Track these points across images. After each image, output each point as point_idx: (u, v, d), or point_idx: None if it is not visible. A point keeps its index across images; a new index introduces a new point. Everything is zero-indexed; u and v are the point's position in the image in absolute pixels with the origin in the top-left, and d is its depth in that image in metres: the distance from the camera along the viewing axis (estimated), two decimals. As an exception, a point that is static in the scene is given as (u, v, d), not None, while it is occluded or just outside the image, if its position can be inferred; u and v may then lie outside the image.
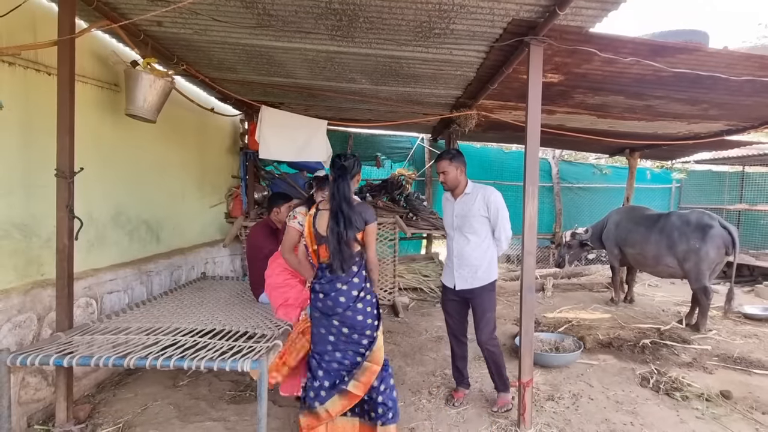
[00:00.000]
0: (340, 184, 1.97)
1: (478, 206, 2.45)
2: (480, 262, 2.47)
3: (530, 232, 2.24)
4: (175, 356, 1.84)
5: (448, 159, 2.51)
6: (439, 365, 3.22)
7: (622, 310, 4.82)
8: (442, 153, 2.58)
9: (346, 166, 2.03)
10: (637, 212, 4.74)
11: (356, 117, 4.82)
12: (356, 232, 1.95)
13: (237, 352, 1.95)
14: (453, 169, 2.50)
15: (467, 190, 2.53)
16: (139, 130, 3.25)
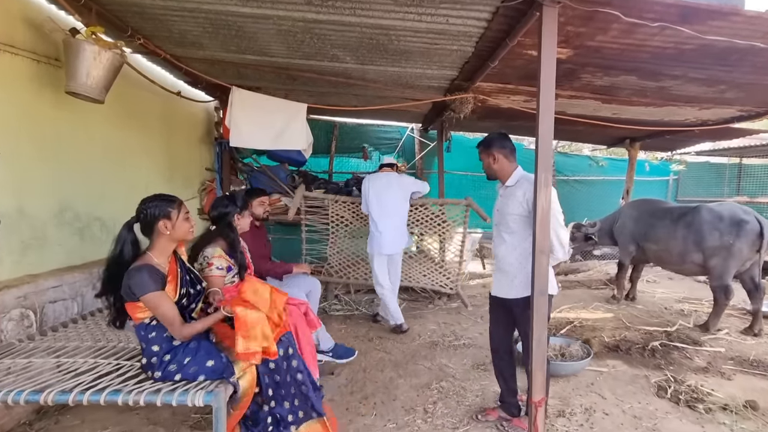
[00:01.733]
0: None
1: (517, 202, 2.12)
2: (515, 269, 2.14)
3: (543, 227, 1.91)
4: (111, 388, 1.46)
5: (480, 147, 2.27)
6: (434, 376, 2.89)
7: (625, 309, 4.56)
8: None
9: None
10: (657, 205, 4.45)
11: (341, 103, 4.43)
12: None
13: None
14: (486, 157, 2.25)
15: (509, 182, 2.20)
16: (90, 113, 2.82)
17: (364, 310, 4.44)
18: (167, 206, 1.73)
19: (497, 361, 2.35)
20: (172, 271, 1.72)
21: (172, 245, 1.76)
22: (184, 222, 1.77)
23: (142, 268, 1.62)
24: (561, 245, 2.06)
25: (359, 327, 3.92)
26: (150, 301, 1.59)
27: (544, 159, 1.90)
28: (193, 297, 1.78)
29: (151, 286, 1.59)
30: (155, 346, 1.62)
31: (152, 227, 1.70)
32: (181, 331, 1.62)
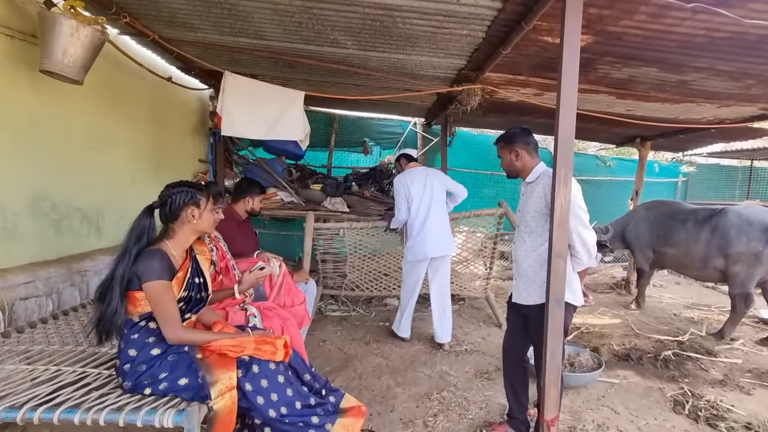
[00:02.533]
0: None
1: (536, 198, 1.94)
2: (534, 272, 1.96)
3: (561, 228, 1.72)
4: (69, 403, 1.28)
5: (501, 143, 2.12)
6: (435, 385, 2.71)
7: (633, 315, 4.38)
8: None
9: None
10: (675, 207, 4.24)
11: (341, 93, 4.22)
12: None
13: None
14: (507, 154, 2.09)
15: (529, 178, 2.05)
16: (71, 97, 2.63)
17: (362, 311, 4.26)
18: (197, 193, 1.61)
19: (509, 371, 2.17)
20: (184, 268, 1.57)
21: (193, 237, 1.63)
22: (211, 213, 1.65)
23: (155, 253, 1.48)
24: (586, 249, 1.85)
25: (356, 329, 3.74)
26: (153, 291, 1.43)
27: (564, 153, 1.71)
28: (194, 304, 1.60)
29: (159, 273, 1.44)
30: (132, 350, 1.44)
31: (177, 214, 1.56)
32: (178, 333, 1.45)
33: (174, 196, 1.56)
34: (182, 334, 1.46)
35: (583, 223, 1.83)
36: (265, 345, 1.50)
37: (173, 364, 1.41)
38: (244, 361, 1.49)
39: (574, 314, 2.05)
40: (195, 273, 1.60)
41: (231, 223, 2.58)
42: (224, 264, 2.11)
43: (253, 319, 1.95)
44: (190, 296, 1.56)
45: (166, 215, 1.57)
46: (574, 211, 1.80)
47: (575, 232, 1.81)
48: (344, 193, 4.76)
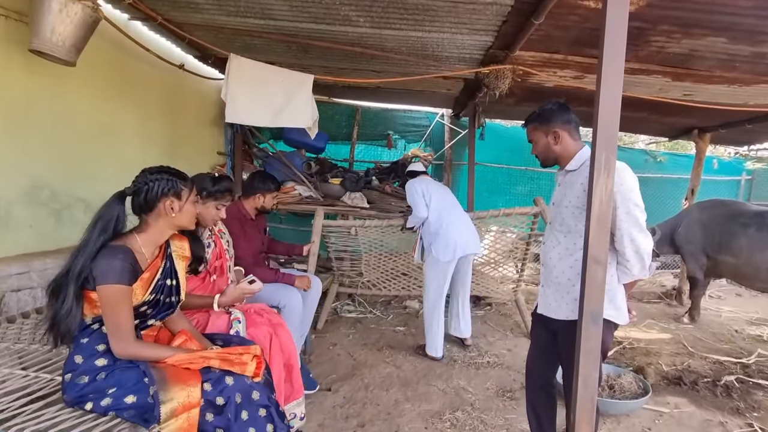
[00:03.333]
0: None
1: (579, 190, 1.56)
2: (569, 280, 1.57)
3: (599, 228, 1.38)
4: (0, 415, 1.10)
5: (534, 124, 1.69)
6: (448, 402, 2.40)
7: (686, 330, 3.85)
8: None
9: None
10: (735, 208, 3.70)
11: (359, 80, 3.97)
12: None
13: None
14: (542, 136, 1.66)
15: (570, 166, 1.62)
16: (72, 81, 2.54)
17: (379, 313, 4.00)
18: (180, 182, 1.40)
19: (532, 395, 1.83)
20: (153, 267, 1.37)
21: (169, 232, 1.42)
22: (192, 206, 1.44)
23: (118, 250, 1.27)
24: (639, 257, 1.49)
25: (370, 333, 3.49)
26: (108, 296, 1.23)
27: (606, 133, 1.36)
28: (161, 309, 1.39)
29: (118, 276, 1.23)
30: (79, 357, 1.25)
31: (153, 205, 1.35)
32: (128, 347, 1.24)
33: (150, 184, 1.34)
34: (132, 348, 1.25)
35: (638, 225, 1.47)
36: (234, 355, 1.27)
37: (121, 377, 1.21)
38: (213, 373, 1.27)
39: (614, 332, 1.67)
40: (167, 274, 1.40)
41: (234, 221, 2.37)
42: (219, 264, 1.90)
43: (237, 325, 1.72)
44: (158, 300, 1.36)
45: (140, 205, 1.36)
46: (629, 209, 1.45)
47: (628, 236, 1.47)
48: (364, 187, 4.53)
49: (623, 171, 1.50)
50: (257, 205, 2.47)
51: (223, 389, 1.23)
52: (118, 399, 1.17)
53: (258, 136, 4.85)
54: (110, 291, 1.23)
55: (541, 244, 1.81)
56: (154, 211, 1.36)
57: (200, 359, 1.25)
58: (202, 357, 1.26)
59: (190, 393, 1.18)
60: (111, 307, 1.23)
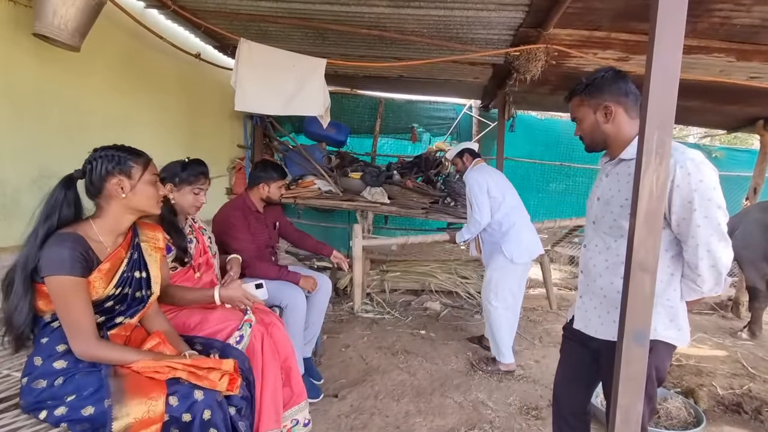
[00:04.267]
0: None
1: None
2: (619, 293, 1.19)
3: (648, 229, 1.11)
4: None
5: (581, 96, 1.34)
6: (465, 418, 2.17)
7: (744, 347, 3.40)
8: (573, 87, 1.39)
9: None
10: None
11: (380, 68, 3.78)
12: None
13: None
14: (589, 112, 1.32)
15: (625, 154, 1.29)
16: (83, 68, 2.49)
17: (397, 314, 3.80)
18: (128, 159, 1.25)
19: (559, 424, 1.54)
20: (115, 257, 1.23)
21: (128, 217, 1.27)
22: (148, 186, 1.27)
23: (66, 238, 1.14)
24: (715, 272, 1.21)
25: (386, 335, 3.30)
26: (57, 288, 1.10)
27: (660, 107, 1.09)
28: (129, 305, 1.25)
29: (67, 265, 1.10)
30: (38, 358, 1.14)
31: (100, 186, 1.22)
32: (88, 347, 1.10)
33: (94, 163, 1.21)
34: (94, 349, 1.11)
35: (720, 233, 1.18)
36: (201, 370, 1.12)
37: (80, 383, 1.08)
38: (181, 385, 1.12)
39: (669, 356, 1.35)
40: (135, 265, 1.26)
41: (236, 214, 2.24)
42: (204, 260, 1.77)
43: (246, 328, 1.56)
44: (125, 294, 1.22)
45: (88, 188, 1.23)
46: (710, 213, 1.16)
47: (705, 247, 1.18)
48: (385, 182, 4.34)
49: (702, 164, 1.19)
50: (263, 196, 2.32)
51: (192, 405, 1.08)
52: (74, 409, 1.04)
53: (279, 129, 4.77)
54: (59, 283, 1.10)
55: (581, 247, 1.49)
56: (103, 192, 1.21)
57: (166, 369, 1.11)
58: (169, 367, 1.11)
59: (151, 408, 1.03)
60: (63, 302, 1.10)
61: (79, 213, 1.22)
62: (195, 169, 1.75)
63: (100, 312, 1.16)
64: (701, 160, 1.20)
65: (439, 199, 4.31)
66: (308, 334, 2.31)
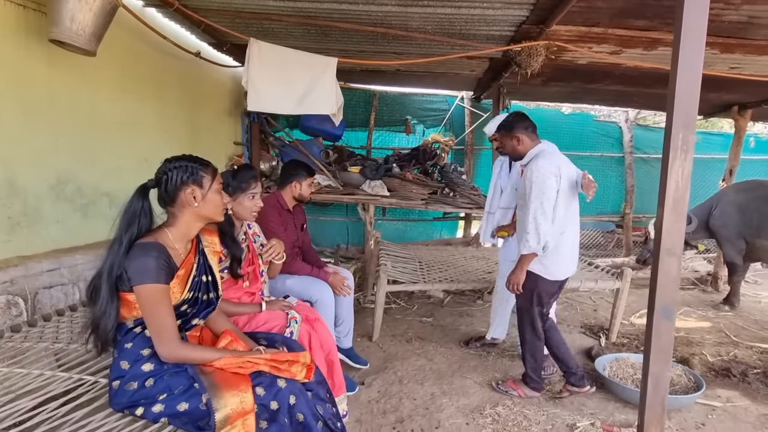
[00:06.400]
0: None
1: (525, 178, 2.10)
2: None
3: (675, 216, 1.25)
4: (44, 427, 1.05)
5: (501, 132, 2.27)
6: (487, 396, 2.32)
7: (725, 317, 3.70)
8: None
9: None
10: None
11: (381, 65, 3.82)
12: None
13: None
14: (509, 141, 2.20)
15: (524, 161, 2.19)
16: (93, 72, 2.47)
17: (403, 303, 3.93)
18: (200, 169, 1.31)
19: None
20: (188, 264, 1.29)
21: (198, 225, 1.33)
22: (217, 195, 1.33)
23: (151, 247, 1.20)
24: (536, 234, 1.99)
25: (396, 324, 3.42)
26: (146, 297, 1.16)
27: (685, 106, 1.22)
28: (201, 307, 1.32)
29: (154, 274, 1.16)
30: (125, 362, 1.19)
31: (175, 196, 1.27)
32: (173, 349, 1.17)
33: (170, 173, 1.26)
34: (179, 351, 1.18)
35: (539, 206, 1.96)
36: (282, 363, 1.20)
37: (170, 383, 1.15)
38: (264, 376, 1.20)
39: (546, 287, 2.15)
40: (202, 270, 1.32)
41: (272, 211, 2.28)
42: (252, 270, 1.82)
43: (294, 325, 1.64)
44: (196, 298, 1.28)
45: (162, 197, 1.28)
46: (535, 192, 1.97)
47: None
48: (384, 175, 4.41)
49: (542, 168, 2.02)
50: (295, 194, 2.38)
51: (277, 392, 1.16)
52: (170, 406, 1.11)
53: (274, 125, 4.76)
54: (148, 291, 1.16)
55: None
56: (177, 201, 1.27)
57: (249, 364, 1.18)
58: (250, 362, 1.19)
59: (243, 399, 1.11)
60: (151, 309, 1.16)
61: (153, 220, 1.27)
62: (246, 175, 1.80)
63: (177, 316, 1.22)
64: (544, 165, 2.00)
65: (438, 190, 4.43)
66: (345, 328, 2.42)
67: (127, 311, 1.21)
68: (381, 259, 3.37)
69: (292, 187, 2.37)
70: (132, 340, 1.20)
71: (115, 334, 1.20)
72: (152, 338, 1.17)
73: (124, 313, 1.22)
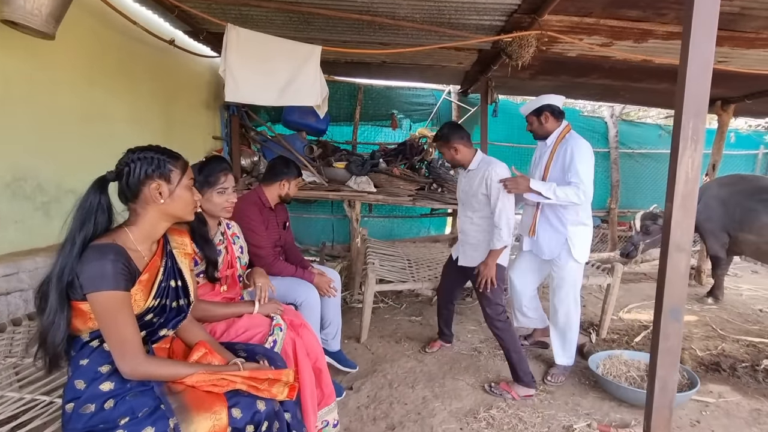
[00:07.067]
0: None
1: (479, 182, 2.26)
2: (479, 241, 2.34)
3: (684, 211, 1.17)
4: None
5: (439, 142, 2.38)
6: (480, 399, 2.24)
7: (710, 311, 3.72)
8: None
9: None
10: (757, 184, 3.55)
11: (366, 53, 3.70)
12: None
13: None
14: (447, 150, 2.34)
15: (471, 166, 2.35)
16: (55, 59, 2.27)
17: (391, 302, 3.83)
18: (167, 162, 1.16)
19: (443, 309, 2.78)
20: (152, 267, 1.15)
21: (164, 224, 1.18)
22: (187, 192, 1.18)
23: (107, 249, 1.04)
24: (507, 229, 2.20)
25: (385, 324, 3.32)
26: (102, 305, 1.01)
27: (695, 95, 1.14)
28: (169, 316, 1.17)
29: (111, 280, 1.01)
30: (81, 382, 1.05)
31: (137, 191, 1.12)
32: (136, 365, 1.03)
33: (132, 165, 1.11)
34: (143, 366, 1.03)
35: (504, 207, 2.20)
36: (261, 382, 1.07)
37: (133, 405, 1.00)
38: (242, 396, 1.07)
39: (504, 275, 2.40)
40: (170, 274, 1.18)
41: (252, 208, 2.12)
42: (231, 273, 1.67)
43: (277, 333, 1.50)
44: (164, 305, 1.14)
45: (123, 192, 1.13)
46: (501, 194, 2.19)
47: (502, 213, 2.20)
48: (371, 171, 4.30)
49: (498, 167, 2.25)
50: (281, 193, 2.22)
51: (254, 415, 1.04)
52: (133, 429, 0.97)
53: (255, 118, 4.58)
54: (104, 299, 1.01)
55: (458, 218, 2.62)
56: (140, 197, 1.12)
57: (224, 381, 1.05)
58: (226, 380, 1.05)
59: (216, 422, 0.98)
60: (109, 319, 1.01)
61: (112, 219, 1.12)
62: (214, 168, 1.63)
63: (141, 326, 1.08)
64: (501, 170, 2.23)
65: (425, 186, 4.34)
66: (332, 330, 2.30)
67: (82, 323, 1.06)
68: (368, 258, 3.26)
69: (280, 185, 2.22)
70: (88, 355, 1.06)
71: (67, 348, 1.06)
72: (112, 353, 1.02)
73: (78, 325, 1.07)
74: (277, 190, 2.21)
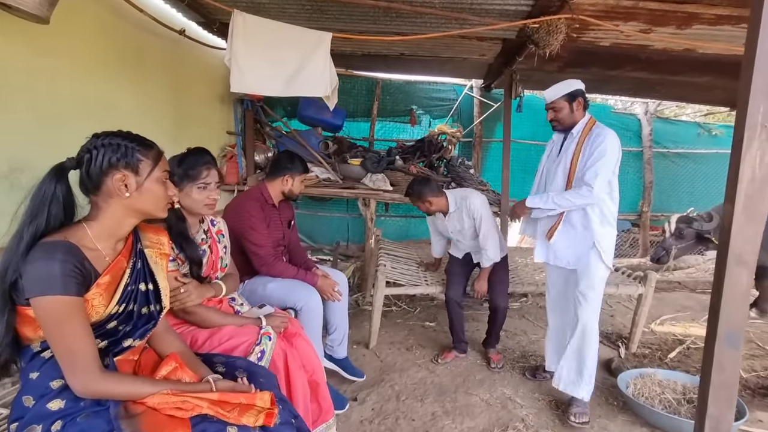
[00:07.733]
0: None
1: (468, 221, 2.51)
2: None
3: (746, 217, 0.96)
4: None
5: (412, 198, 2.58)
6: (495, 417, 2.05)
7: (754, 325, 3.39)
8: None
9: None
10: None
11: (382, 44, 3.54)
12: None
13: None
14: (422, 204, 2.55)
15: (450, 209, 2.55)
16: (54, 46, 2.20)
17: (405, 306, 3.66)
18: (137, 150, 1.02)
19: (452, 306, 2.65)
20: (116, 268, 1.01)
21: (131, 221, 1.05)
22: (158, 185, 1.05)
23: (56, 248, 0.91)
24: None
25: (396, 329, 3.16)
26: (48, 312, 0.88)
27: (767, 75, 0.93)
28: (138, 324, 1.05)
29: (59, 283, 0.88)
30: (29, 398, 0.93)
31: (99, 180, 0.99)
32: (89, 382, 0.90)
33: (94, 152, 0.98)
34: (98, 383, 0.90)
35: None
36: (231, 407, 0.93)
37: (84, 427, 0.87)
38: (210, 422, 0.93)
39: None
40: (140, 276, 1.05)
41: (253, 204, 2.00)
42: (214, 276, 1.54)
43: (266, 342, 1.36)
44: (131, 311, 1.01)
45: (84, 182, 1.00)
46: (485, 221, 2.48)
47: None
48: (387, 168, 4.14)
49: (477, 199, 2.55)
50: (285, 189, 2.08)
51: None
52: None
53: (271, 114, 4.48)
54: (49, 305, 0.88)
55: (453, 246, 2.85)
56: (101, 189, 0.99)
57: (189, 405, 0.91)
58: (192, 404, 0.91)
59: None
60: (56, 329, 0.88)
61: (71, 212, 1.00)
62: (196, 161, 1.49)
63: (102, 336, 0.96)
64: (478, 201, 2.50)
65: (444, 184, 4.14)
66: (338, 335, 2.16)
67: (31, 330, 0.94)
68: (380, 259, 3.10)
69: (283, 180, 2.09)
70: (39, 368, 0.93)
71: (12, 357, 0.94)
72: (62, 367, 0.90)
73: (27, 333, 0.95)
74: (280, 186, 2.07)
